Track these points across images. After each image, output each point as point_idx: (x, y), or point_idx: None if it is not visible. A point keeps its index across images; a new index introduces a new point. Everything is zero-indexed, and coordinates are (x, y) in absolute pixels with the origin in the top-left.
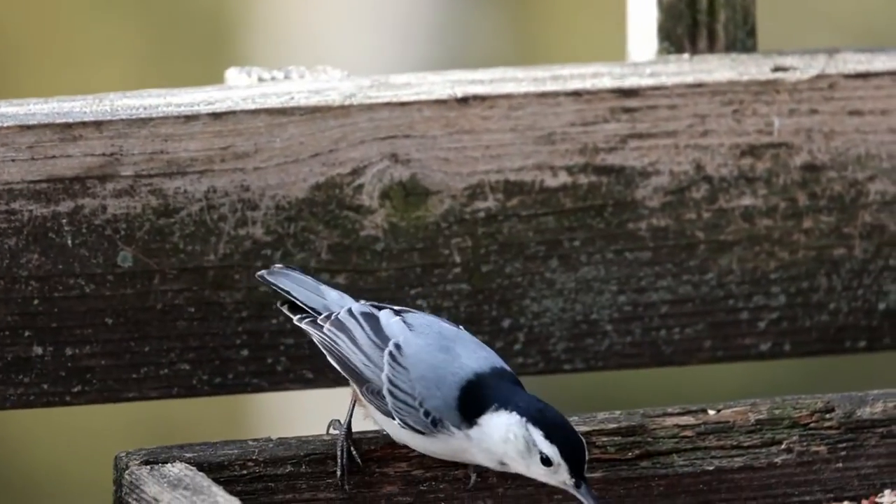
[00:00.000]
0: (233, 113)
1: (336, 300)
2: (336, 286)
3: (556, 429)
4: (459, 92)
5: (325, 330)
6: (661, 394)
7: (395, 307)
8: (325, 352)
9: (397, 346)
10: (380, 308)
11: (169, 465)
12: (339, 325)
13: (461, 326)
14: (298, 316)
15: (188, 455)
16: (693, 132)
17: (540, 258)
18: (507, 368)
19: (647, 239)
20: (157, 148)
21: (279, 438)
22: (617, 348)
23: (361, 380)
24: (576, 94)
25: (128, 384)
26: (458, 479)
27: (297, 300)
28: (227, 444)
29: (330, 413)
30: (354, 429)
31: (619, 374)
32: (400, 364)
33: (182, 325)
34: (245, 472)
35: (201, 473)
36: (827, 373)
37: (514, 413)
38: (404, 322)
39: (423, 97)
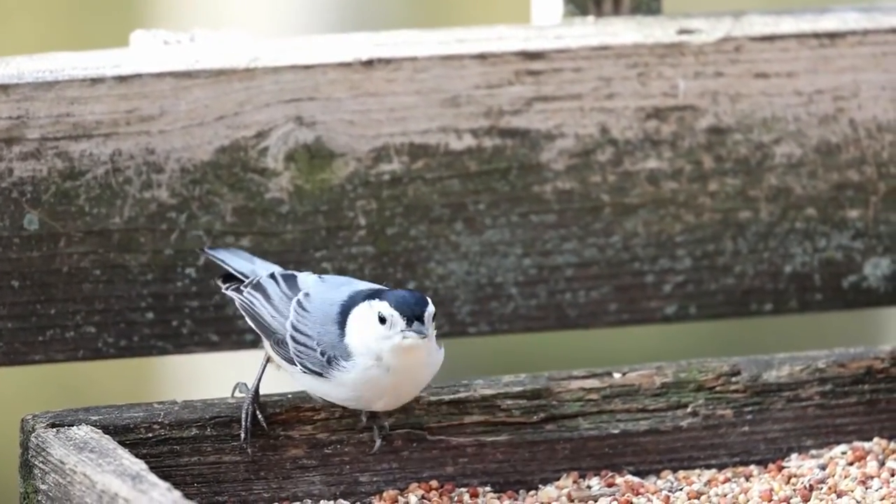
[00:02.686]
0: (138, 76)
1: (261, 267)
2: (242, 250)
3: (390, 293)
4: (364, 55)
5: (244, 293)
6: (566, 357)
7: (308, 272)
8: (244, 314)
9: (306, 295)
10: (296, 272)
11: (75, 427)
12: (258, 286)
13: (388, 284)
14: (227, 285)
15: (94, 418)
16: (598, 95)
17: (445, 221)
18: (385, 287)
19: (552, 202)
20: (62, 111)
21: (184, 401)
22: (522, 311)
23: (270, 332)
24: (481, 56)
25: (34, 347)
26: (363, 442)
27: (232, 268)
28: (133, 407)
29: (236, 376)
30: (262, 392)
31: (525, 337)
32: (304, 309)
33: (88, 288)
34: (151, 434)
35: (107, 436)
36: (733, 336)
37: (363, 303)
38: (319, 277)
39: (328, 60)
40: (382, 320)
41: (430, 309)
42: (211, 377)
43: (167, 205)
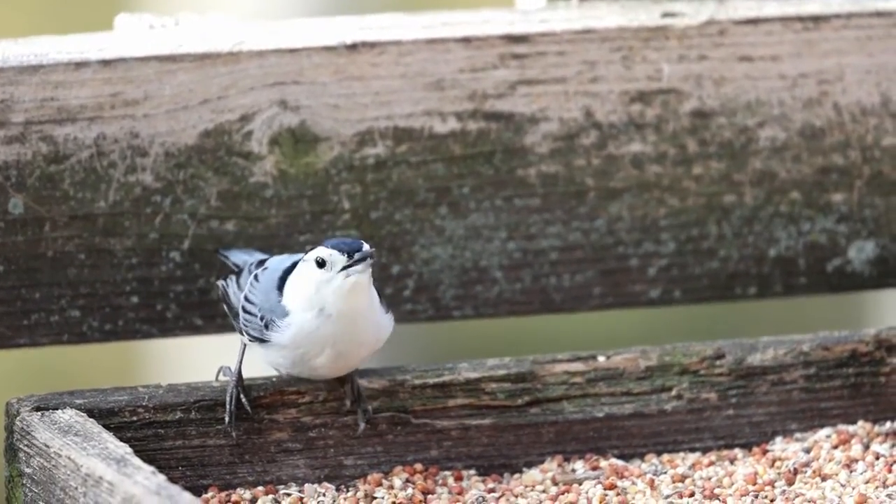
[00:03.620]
0: (123, 60)
1: (256, 258)
2: (227, 234)
3: (324, 241)
4: (349, 38)
5: (229, 281)
6: (551, 341)
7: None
8: (220, 296)
9: (264, 269)
10: (286, 258)
11: (60, 411)
12: (238, 273)
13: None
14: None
15: (79, 401)
16: (582, 78)
17: (429, 205)
18: None
19: (536, 186)
20: (47, 95)
21: (169, 385)
22: (506, 295)
23: (234, 313)
24: (465, 40)
25: (19, 331)
26: (347, 425)
27: (234, 263)
28: (118, 391)
29: (220, 360)
30: (245, 375)
31: (509, 321)
32: (257, 280)
33: (72, 272)
34: (135, 418)
35: (92, 420)
36: (717, 320)
37: (299, 260)
38: (292, 255)
39: (313, 44)
40: (321, 264)
41: (367, 246)
42: (190, 360)
43: (152, 189)
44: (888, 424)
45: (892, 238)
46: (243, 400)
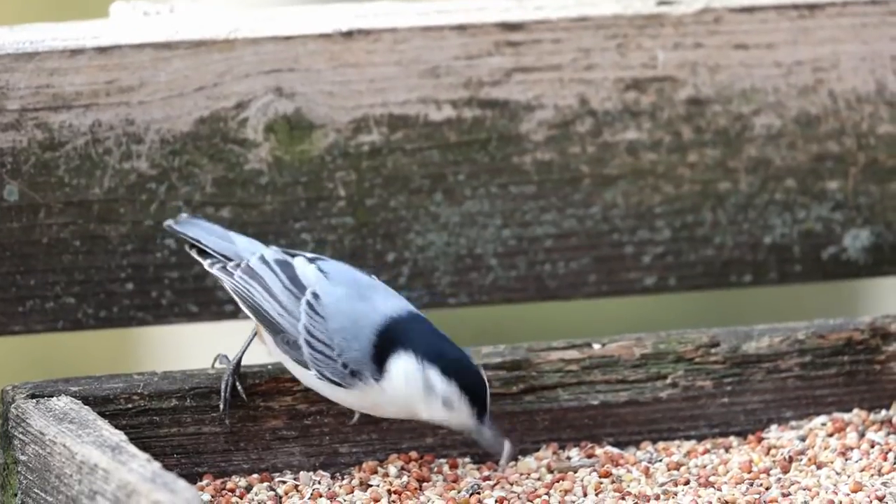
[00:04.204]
0: (118, 47)
1: (246, 246)
2: (222, 221)
3: (452, 364)
4: (344, 26)
5: (236, 277)
6: (545, 328)
7: (308, 255)
8: (237, 299)
9: (315, 296)
10: (293, 255)
11: (55, 398)
12: (251, 273)
13: (373, 275)
14: (209, 261)
15: (74, 389)
16: (577, 66)
17: (424, 192)
18: (421, 314)
19: (531, 173)
20: (42, 82)
21: (164, 372)
22: (501, 282)
23: (276, 329)
24: (460, 27)
25: (13, 317)
26: (342, 413)
27: (207, 247)
28: (113, 378)
29: (215, 347)
30: (243, 363)
31: (504, 308)
32: (318, 313)
33: (67, 259)
34: (130, 405)
35: (87, 407)
36: (712, 307)
37: (412, 352)
38: (319, 270)
39: (308, 31)
40: (447, 404)
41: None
42: (186, 348)
43: (147, 175)
44: (883, 412)
45: (887, 226)
46: (239, 387)
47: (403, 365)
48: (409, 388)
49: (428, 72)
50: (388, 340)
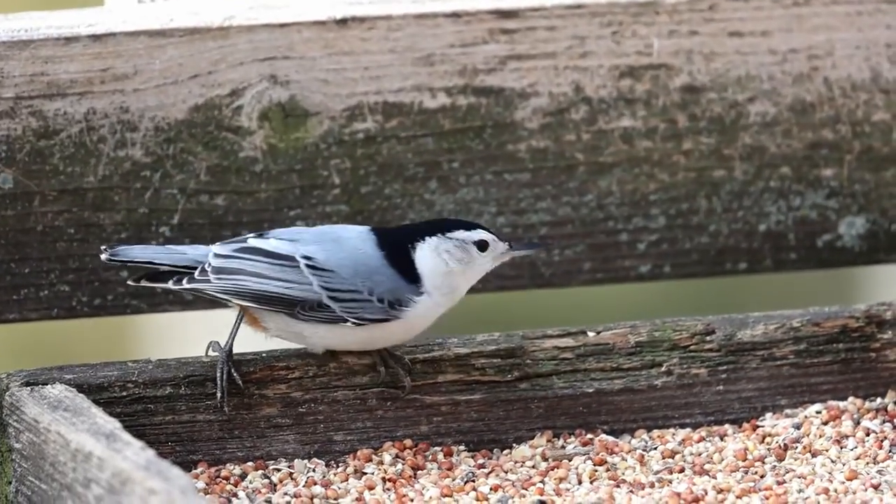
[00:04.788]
0: (112, 35)
1: (196, 250)
2: (217, 209)
3: (462, 221)
4: (339, 13)
5: (213, 280)
6: (540, 316)
7: (246, 235)
8: (229, 297)
9: (307, 258)
10: (243, 240)
11: (49, 386)
12: (225, 270)
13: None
14: (173, 279)
15: (68, 376)
16: (572, 53)
17: (419, 180)
18: (371, 227)
19: (526, 160)
20: (37, 70)
21: (158, 360)
22: (496, 270)
23: (291, 303)
24: (455, 15)
25: (8, 305)
26: (337, 401)
27: (164, 264)
28: (107, 366)
29: (210, 335)
30: (235, 351)
31: (499, 295)
32: (324, 269)
33: (62, 247)
34: (125, 393)
35: (81, 395)
36: (707, 295)
37: (426, 239)
38: (279, 239)
39: (303, 18)
40: (482, 245)
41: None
42: (186, 336)
43: (141, 163)
44: (878, 400)
45: (882, 213)
46: (235, 375)
47: (426, 251)
48: (451, 264)
49: (422, 59)
50: (392, 256)
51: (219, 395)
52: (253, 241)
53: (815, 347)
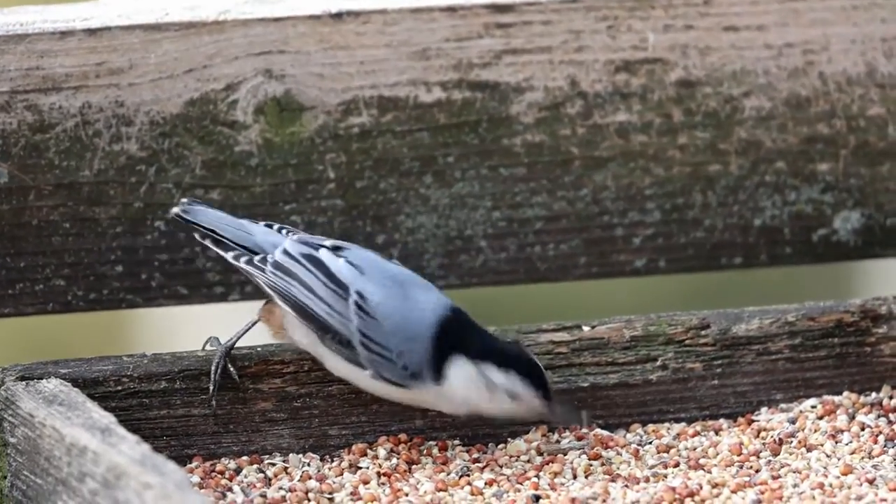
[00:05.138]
0: (108, 29)
1: (265, 237)
2: (212, 203)
3: (506, 356)
4: (334, 7)
5: (268, 272)
6: (535, 310)
7: (327, 242)
8: (273, 294)
9: (360, 295)
10: (315, 246)
11: (44, 381)
12: (282, 269)
13: (394, 259)
14: (232, 253)
15: (63, 371)
16: (568, 48)
17: (414, 174)
18: (457, 306)
19: (521, 155)
20: (32, 64)
21: (153, 354)
22: (491, 264)
23: (325, 328)
24: (450, 9)
25: (3, 300)
26: (332, 395)
27: (226, 238)
28: (102, 360)
29: (206, 329)
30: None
31: (494, 290)
32: (369, 315)
33: (57, 241)
34: (120, 388)
35: (76, 389)
36: (702, 290)
37: (465, 356)
38: (350, 263)
39: (298, 13)
40: (512, 395)
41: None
42: (177, 330)
43: (137, 158)
44: (874, 395)
45: (877, 208)
46: (231, 369)
47: (461, 369)
48: (471, 389)
49: (418, 53)
50: (441, 341)
51: (211, 388)
52: (324, 254)
53: (810, 342)
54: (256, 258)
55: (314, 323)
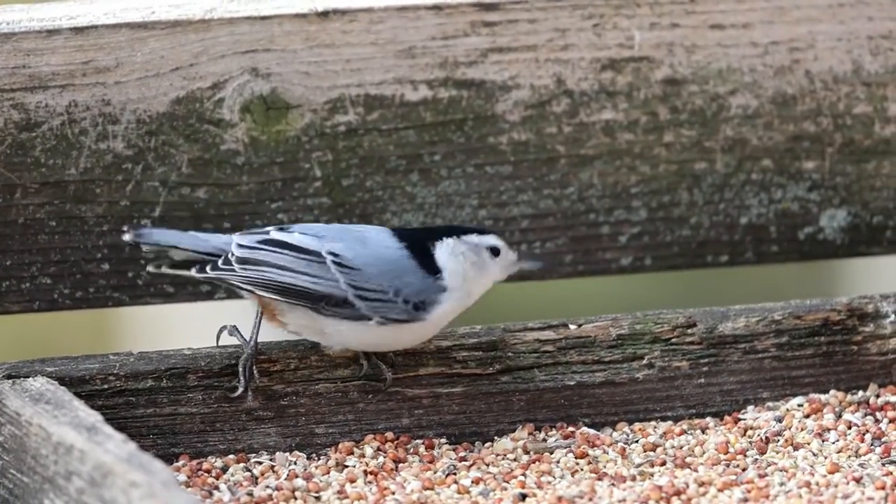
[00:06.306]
0: (94, 27)
1: (217, 239)
2: (198, 201)
3: (474, 227)
4: (320, 6)
5: (238, 269)
6: (522, 309)
7: (269, 228)
8: (253, 288)
9: (334, 255)
10: (265, 233)
11: (31, 379)
12: (249, 261)
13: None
14: (196, 267)
15: (50, 369)
16: (553, 46)
17: (400, 172)
18: (394, 227)
19: (507, 153)
20: (19, 62)
21: (140, 353)
22: None
23: (316, 298)
24: (436, 7)
25: None
26: (318, 393)
27: (188, 249)
28: (89, 359)
29: (192, 327)
30: (209, 345)
31: None
32: (351, 268)
33: (43, 239)
34: (106, 386)
35: (63, 388)
36: (688, 288)
37: (443, 240)
38: (304, 234)
39: (284, 11)
40: (496, 252)
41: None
42: (167, 329)
43: (123, 156)
44: (860, 393)
45: (863, 206)
46: (255, 371)
47: (446, 248)
48: (466, 265)
49: (404, 52)
50: (419, 252)
51: (240, 388)
52: (276, 234)
53: (796, 340)
54: (219, 261)
55: (304, 297)
